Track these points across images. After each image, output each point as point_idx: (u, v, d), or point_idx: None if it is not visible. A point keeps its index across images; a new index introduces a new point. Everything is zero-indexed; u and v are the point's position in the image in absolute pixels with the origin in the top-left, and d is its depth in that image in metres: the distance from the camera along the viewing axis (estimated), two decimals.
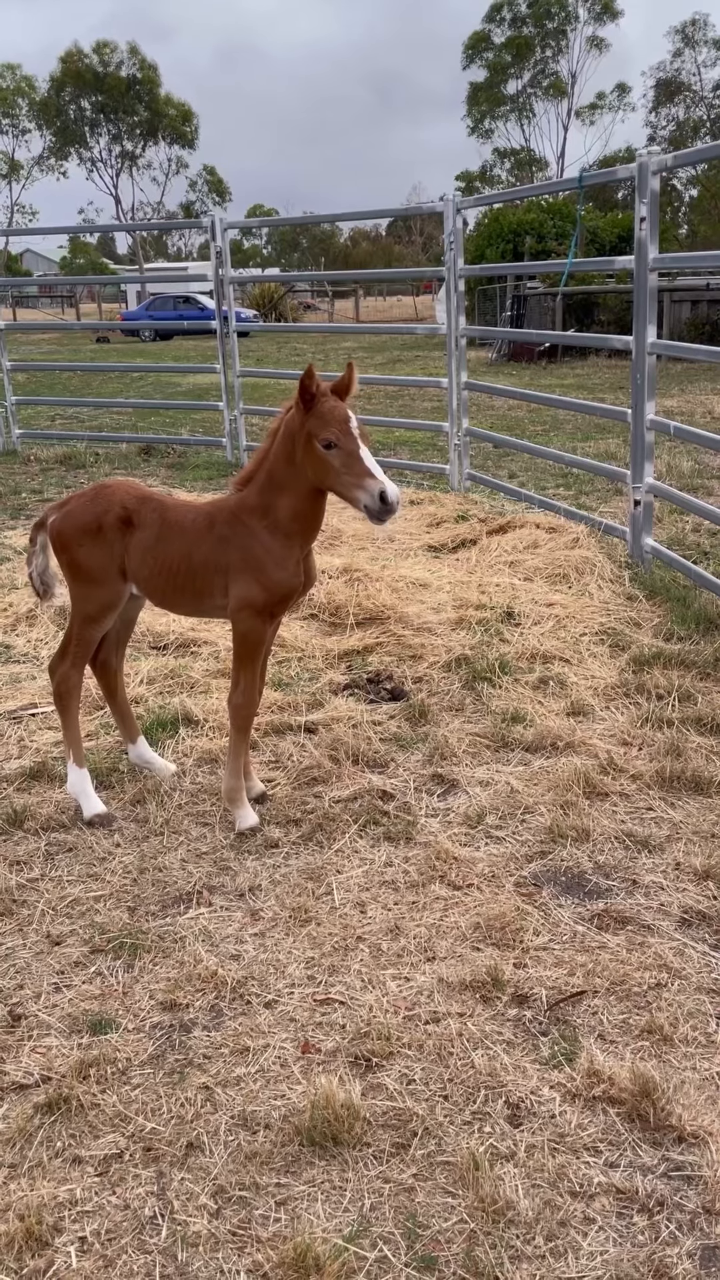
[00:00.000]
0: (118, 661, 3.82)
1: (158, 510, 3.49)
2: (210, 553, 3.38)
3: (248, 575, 3.33)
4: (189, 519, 3.46)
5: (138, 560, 3.45)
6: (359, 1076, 2.41)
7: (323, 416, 3.16)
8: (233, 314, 10.09)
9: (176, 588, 3.45)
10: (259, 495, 3.34)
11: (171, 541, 3.42)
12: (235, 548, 3.35)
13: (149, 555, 3.43)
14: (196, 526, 3.43)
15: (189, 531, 3.42)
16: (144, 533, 3.44)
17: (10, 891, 3.15)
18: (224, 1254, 2.00)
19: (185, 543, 3.41)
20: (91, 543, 3.46)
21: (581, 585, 5.71)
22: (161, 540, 3.43)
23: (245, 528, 3.34)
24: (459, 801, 3.65)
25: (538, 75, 63.27)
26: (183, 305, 35.21)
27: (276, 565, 3.32)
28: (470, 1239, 2.00)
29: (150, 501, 3.53)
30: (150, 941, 2.91)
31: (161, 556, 3.42)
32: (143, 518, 3.46)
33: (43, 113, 67.56)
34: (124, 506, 3.47)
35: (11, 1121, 2.31)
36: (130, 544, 3.45)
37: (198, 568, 3.40)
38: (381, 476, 3.12)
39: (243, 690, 3.46)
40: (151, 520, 3.45)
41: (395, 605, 5.38)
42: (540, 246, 27.26)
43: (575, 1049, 2.47)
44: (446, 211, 7.99)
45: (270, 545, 3.32)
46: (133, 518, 3.45)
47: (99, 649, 3.71)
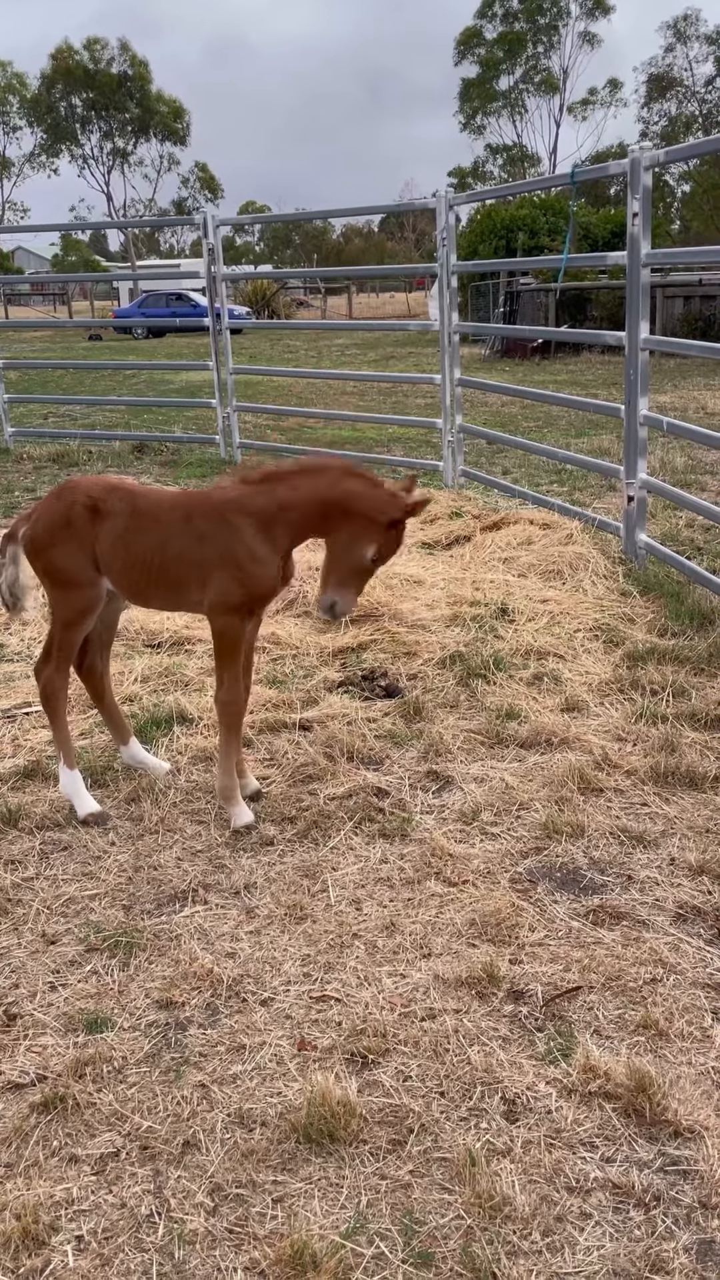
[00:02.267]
0: (103, 665, 3.80)
1: (127, 498, 3.43)
2: (187, 547, 3.33)
3: (227, 573, 3.31)
4: (164, 508, 3.41)
5: (108, 550, 3.39)
6: (355, 1073, 2.41)
7: (396, 543, 3.31)
8: (225, 311, 10.07)
9: (150, 580, 3.40)
10: (265, 499, 3.29)
11: (144, 531, 3.36)
12: (215, 544, 3.31)
13: (119, 544, 3.38)
14: (172, 518, 3.37)
15: (163, 522, 3.37)
16: (113, 521, 3.38)
17: (5, 890, 3.14)
18: (221, 1252, 2.00)
19: (159, 533, 3.36)
20: (63, 540, 3.41)
21: (575, 581, 5.71)
22: (132, 529, 3.37)
23: (229, 525, 3.29)
24: (454, 798, 3.65)
25: (530, 71, 63.26)
26: (175, 302, 35.14)
27: (257, 564, 3.29)
28: (467, 1235, 2.01)
29: (119, 490, 3.48)
30: (146, 940, 2.91)
31: (133, 546, 3.36)
32: (110, 506, 3.40)
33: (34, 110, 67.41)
34: (89, 495, 3.43)
35: (7, 1121, 2.30)
36: (100, 533, 3.39)
37: (171, 561, 3.35)
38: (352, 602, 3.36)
39: (227, 688, 3.45)
40: (121, 509, 3.39)
41: (389, 602, 5.38)
42: (533, 242, 27.24)
43: (571, 1044, 2.47)
44: (439, 207, 7.98)
45: (253, 545, 3.28)
46: (99, 506, 3.40)
47: (83, 653, 3.69)
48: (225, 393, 10.16)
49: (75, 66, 63.86)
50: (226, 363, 10.11)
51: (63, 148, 68.48)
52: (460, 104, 64.72)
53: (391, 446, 11.06)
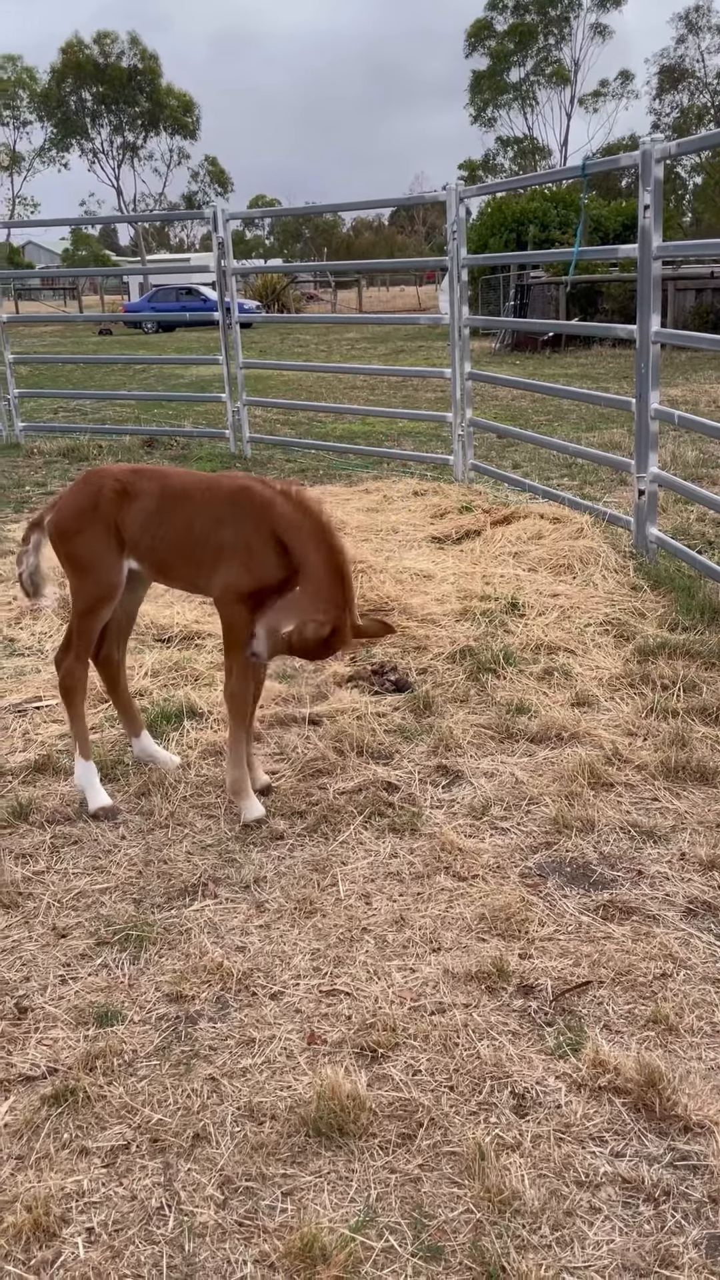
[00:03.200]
0: (120, 655, 3.82)
1: (156, 478, 3.52)
2: (207, 528, 3.39)
3: (237, 561, 3.33)
4: (196, 488, 3.48)
5: (138, 529, 3.45)
6: (365, 1067, 2.41)
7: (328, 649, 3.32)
8: (235, 305, 10.06)
9: (181, 557, 3.46)
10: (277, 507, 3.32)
11: (177, 510, 3.43)
12: (230, 528, 3.35)
13: (152, 522, 3.44)
14: (201, 496, 3.44)
15: (195, 500, 3.44)
16: (144, 501, 3.45)
17: (16, 884, 3.15)
18: (231, 1244, 2.00)
19: (189, 511, 3.42)
20: (88, 526, 3.46)
21: (586, 576, 5.70)
22: (165, 508, 3.44)
23: (245, 511, 3.34)
24: (464, 793, 3.65)
25: (541, 63, 63.01)
26: (185, 297, 35.17)
27: (266, 555, 3.32)
28: (476, 1229, 2.01)
29: (144, 472, 3.57)
30: (156, 934, 2.92)
31: (165, 524, 3.43)
32: (139, 487, 3.48)
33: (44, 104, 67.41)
34: (116, 479, 3.50)
35: (19, 1113, 2.32)
36: (128, 514, 3.45)
37: (197, 539, 3.41)
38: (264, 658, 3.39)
39: (236, 679, 3.46)
40: (151, 489, 3.47)
41: (399, 597, 5.37)
42: (544, 235, 27.16)
43: (581, 1039, 2.47)
44: (449, 200, 7.96)
45: (263, 538, 3.33)
46: (128, 488, 3.47)
47: (101, 643, 3.71)
48: (235, 387, 10.15)
49: (85, 60, 63.82)
50: (236, 357, 10.10)
51: (73, 142, 68.47)
52: (471, 96, 64.53)
53: (402, 441, 11.04)
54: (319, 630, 3.22)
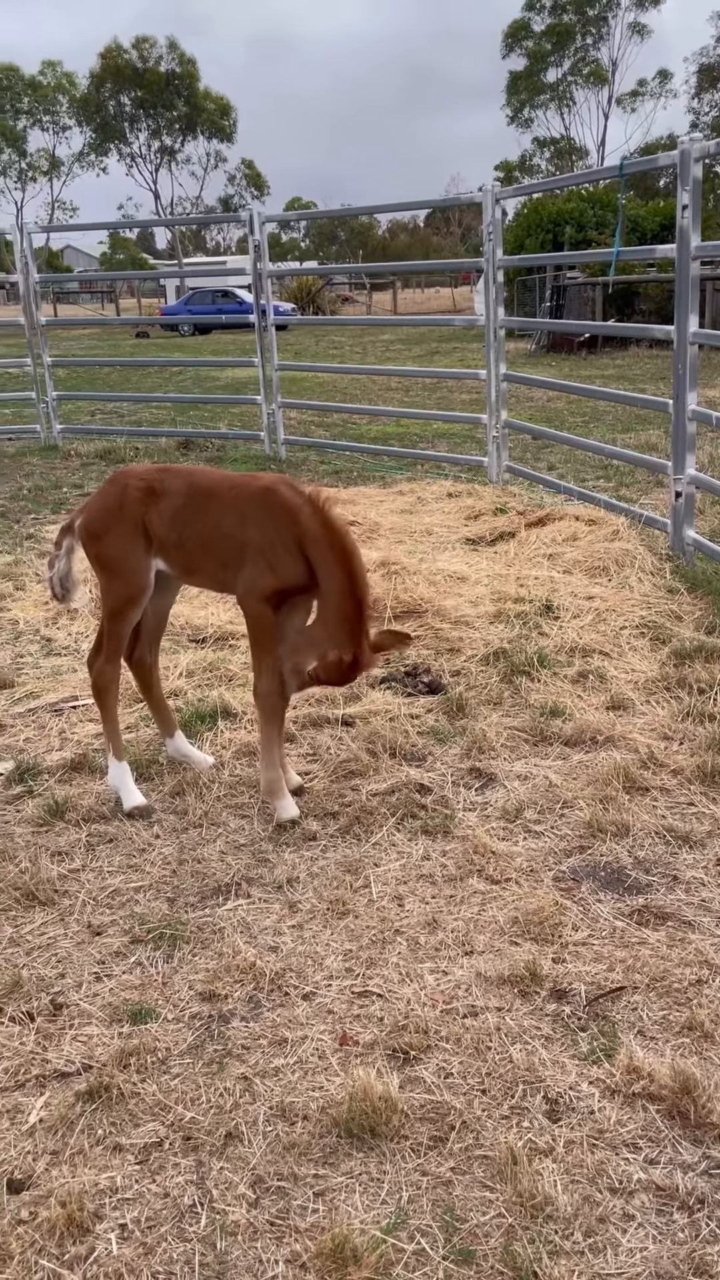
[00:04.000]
0: (152, 657, 3.85)
1: (183, 477, 3.54)
2: (234, 526, 3.40)
3: (262, 560, 3.34)
4: (224, 487, 3.49)
5: (166, 526, 3.47)
6: (397, 1069, 2.41)
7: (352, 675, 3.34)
8: (271, 307, 10.10)
9: (207, 555, 3.48)
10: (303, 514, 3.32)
11: (205, 509, 3.45)
12: (256, 528, 3.36)
13: (179, 521, 3.46)
14: (228, 495, 3.46)
15: (222, 498, 3.45)
16: (171, 499, 3.48)
17: (52, 882, 3.18)
18: (263, 1243, 2.01)
19: (217, 509, 3.44)
20: (116, 526, 3.49)
21: (622, 578, 5.66)
22: (192, 506, 3.46)
23: (270, 511, 3.35)
24: (497, 795, 3.64)
25: (578, 63, 62.68)
26: (221, 299, 35.32)
27: (289, 554, 3.33)
28: (508, 1233, 2.00)
29: (171, 470, 3.60)
30: (189, 932, 2.94)
31: (193, 523, 3.45)
32: (166, 485, 3.50)
33: (83, 109, 68.00)
34: (143, 479, 3.54)
35: (53, 1109, 2.34)
36: (156, 513, 3.48)
37: (224, 536, 3.43)
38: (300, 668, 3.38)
39: (265, 679, 3.47)
40: (178, 487, 3.49)
41: (433, 598, 5.37)
42: (580, 236, 27.00)
43: (614, 1045, 2.45)
44: (485, 201, 7.94)
45: (286, 539, 3.34)
46: (154, 487, 3.50)
47: (133, 645, 3.74)
48: (270, 389, 10.19)
49: (124, 65, 64.29)
50: (271, 359, 10.14)
51: (111, 146, 69.01)
52: (507, 97, 64.28)
53: (436, 442, 11.03)
54: (340, 660, 3.24)
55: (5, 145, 71.29)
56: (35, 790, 3.77)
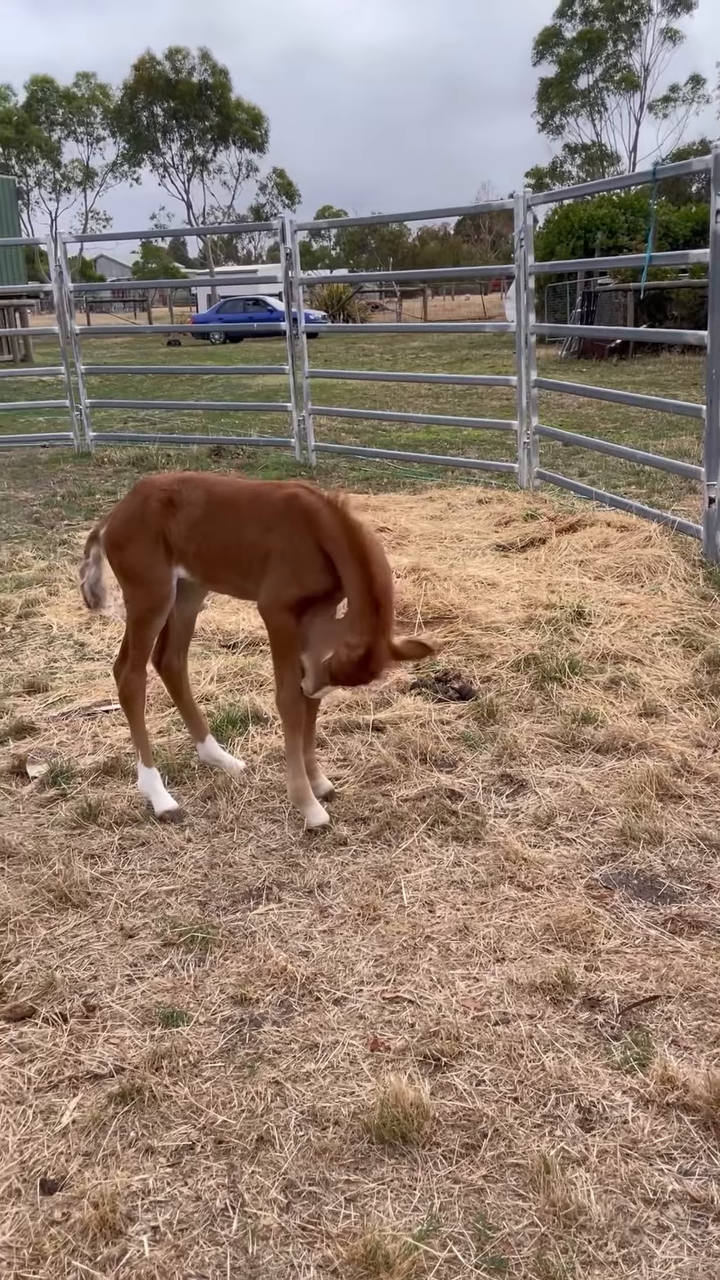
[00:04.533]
0: (181, 663, 3.86)
1: (202, 486, 3.55)
2: (258, 536, 3.40)
3: (284, 568, 3.35)
4: (245, 497, 3.49)
5: (185, 535, 3.49)
6: (428, 1075, 2.40)
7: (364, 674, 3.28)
8: (301, 315, 10.14)
9: (228, 563, 3.49)
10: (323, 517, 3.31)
11: (224, 519, 3.46)
12: (279, 537, 3.37)
13: (198, 531, 3.48)
14: (249, 505, 3.45)
15: (243, 509, 3.46)
16: (190, 509, 3.49)
17: (85, 884, 3.20)
18: (294, 1248, 2.01)
19: (238, 520, 3.45)
20: (138, 536, 3.51)
21: (654, 584, 5.62)
22: (210, 516, 3.47)
23: (293, 520, 3.34)
24: (528, 802, 3.62)
25: (610, 69, 62.58)
26: (252, 307, 35.53)
27: (313, 563, 3.32)
28: (541, 1242, 1.99)
29: (191, 480, 3.61)
30: (221, 936, 2.94)
31: (211, 533, 3.46)
32: (184, 496, 3.52)
33: (116, 120, 68.74)
34: (163, 489, 3.55)
35: (86, 1110, 2.35)
36: (175, 523, 3.50)
37: (246, 546, 3.43)
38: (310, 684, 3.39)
39: (287, 688, 3.47)
40: (196, 497, 3.51)
41: (463, 604, 5.36)
42: (611, 242, 26.89)
43: (648, 1054, 2.43)
44: (516, 208, 7.94)
45: (310, 548, 3.33)
46: (174, 497, 3.52)
47: (161, 651, 3.76)
48: (301, 396, 10.23)
49: (157, 76, 64.94)
50: (302, 366, 10.18)
51: (144, 157, 69.72)
52: (538, 104, 64.31)
53: (466, 448, 11.02)
54: (351, 655, 3.21)
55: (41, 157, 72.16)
56: (69, 793, 3.79)
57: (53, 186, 74.69)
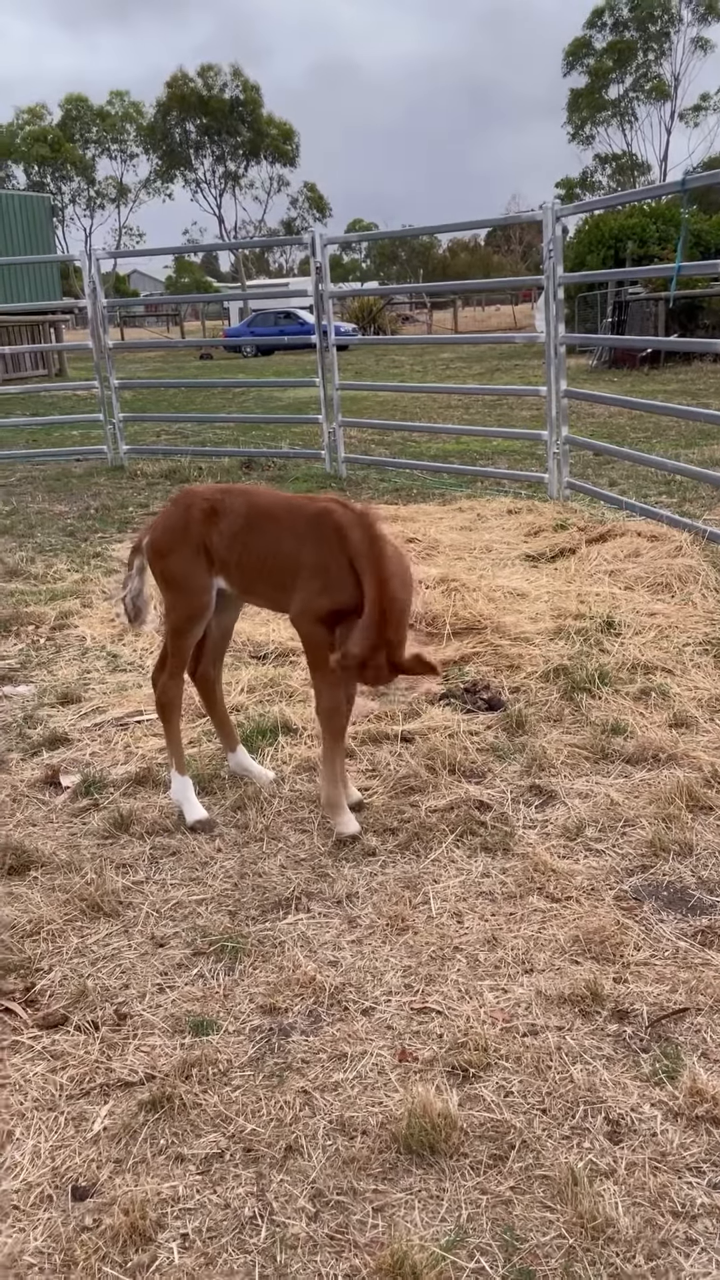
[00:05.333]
0: (216, 673, 3.90)
1: (243, 496, 3.59)
2: (294, 548, 3.43)
3: (316, 581, 3.37)
4: (281, 509, 3.53)
5: (225, 546, 3.52)
6: (456, 1086, 2.41)
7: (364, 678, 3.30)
8: (332, 328, 10.20)
9: (264, 577, 3.52)
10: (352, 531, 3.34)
11: (264, 530, 3.49)
12: (311, 549, 3.39)
13: (238, 542, 3.51)
14: (286, 518, 3.48)
15: (282, 521, 3.49)
16: (231, 519, 3.53)
17: (117, 893, 3.23)
18: (322, 1257, 2.02)
19: (275, 532, 3.48)
20: (180, 545, 3.56)
21: (685, 594, 5.60)
22: (251, 527, 3.51)
23: (325, 535, 3.37)
24: (557, 813, 3.61)
25: (640, 79, 62.48)
26: (283, 321, 35.73)
27: (344, 576, 3.34)
28: (569, 1254, 1.98)
29: (233, 491, 3.65)
30: (250, 945, 2.96)
31: (251, 545, 3.50)
32: (227, 506, 3.55)
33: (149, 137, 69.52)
34: (206, 499, 3.59)
35: (117, 1117, 2.37)
36: (216, 533, 3.53)
37: (283, 558, 3.46)
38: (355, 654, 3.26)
39: (326, 697, 3.50)
40: (238, 507, 3.54)
41: (492, 615, 5.36)
42: (642, 251, 26.81)
43: (678, 1067, 2.42)
44: (546, 219, 7.95)
45: (342, 562, 3.35)
46: (217, 508, 3.56)
47: (197, 660, 3.80)
48: (331, 408, 10.28)
49: (189, 93, 65.65)
50: (333, 379, 10.23)
51: (177, 173, 70.46)
52: (569, 114, 64.30)
53: (496, 459, 11.02)
54: (344, 663, 3.24)
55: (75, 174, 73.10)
56: (101, 803, 3.83)
57: (87, 203, 75.64)
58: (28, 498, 10.10)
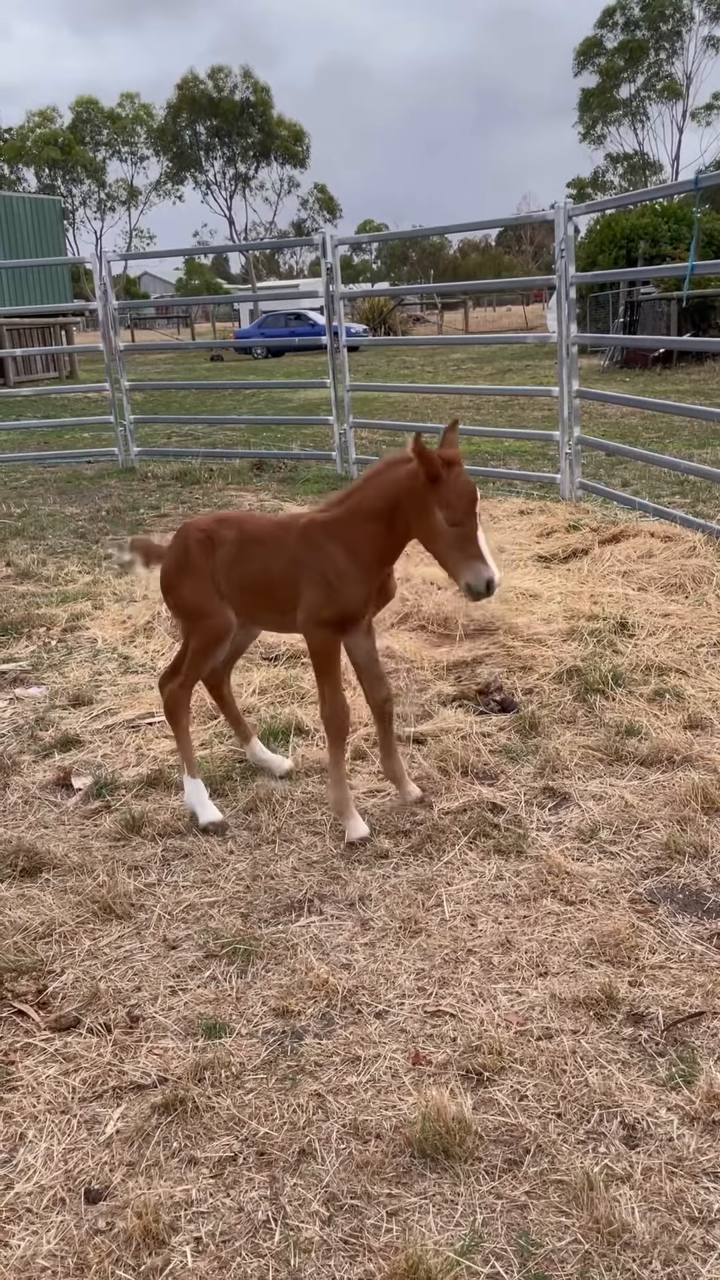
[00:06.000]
0: (224, 675, 3.96)
1: (235, 526, 3.62)
2: (286, 568, 3.46)
3: (315, 588, 3.39)
4: (268, 533, 3.55)
5: (224, 577, 3.56)
6: (470, 1090, 2.39)
7: (454, 492, 3.18)
8: (343, 329, 10.19)
9: (261, 603, 3.57)
10: (340, 516, 3.38)
11: (252, 556, 3.52)
12: (307, 563, 3.41)
13: (234, 571, 3.54)
14: (275, 540, 3.51)
15: (268, 545, 3.51)
16: (225, 549, 3.56)
17: (129, 895, 3.23)
18: (336, 1262, 2.00)
19: (264, 556, 3.50)
20: (187, 577, 3.61)
21: (699, 595, 5.57)
22: (242, 556, 3.54)
23: (316, 545, 3.39)
24: (571, 815, 3.60)
25: (652, 78, 62.35)
26: (294, 322, 35.74)
27: (344, 582, 3.36)
28: (584, 1260, 1.97)
29: (228, 519, 3.68)
30: (263, 948, 2.95)
31: (243, 571, 3.53)
32: (221, 535, 3.58)
33: (160, 139, 69.66)
34: (200, 530, 3.63)
35: (130, 1120, 2.37)
36: (216, 563, 3.57)
37: (276, 582, 3.48)
38: (490, 563, 3.16)
39: (329, 702, 3.52)
40: (230, 536, 3.57)
41: (505, 616, 5.34)
42: (654, 251, 26.73)
43: (694, 1071, 2.40)
44: (557, 219, 7.92)
45: (340, 563, 3.36)
46: (212, 538, 3.59)
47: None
48: (342, 409, 10.27)
49: (200, 95, 65.76)
50: (343, 380, 10.22)
51: (187, 175, 70.58)
52: (580, 114, 64.20)
53: (507, 459, 10.99)
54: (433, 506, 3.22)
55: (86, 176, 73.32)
56: (113, 805, 3.83)
57: (97, 206, 75.84)
58: (39, 500, 10.12)
